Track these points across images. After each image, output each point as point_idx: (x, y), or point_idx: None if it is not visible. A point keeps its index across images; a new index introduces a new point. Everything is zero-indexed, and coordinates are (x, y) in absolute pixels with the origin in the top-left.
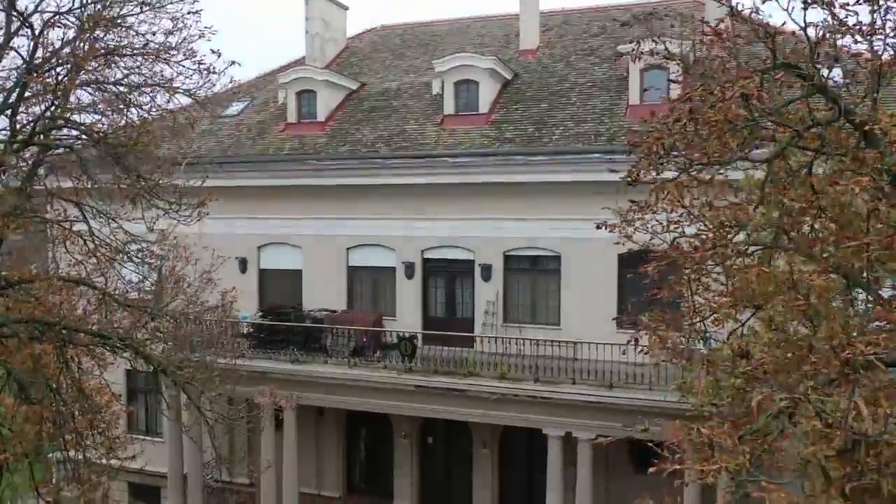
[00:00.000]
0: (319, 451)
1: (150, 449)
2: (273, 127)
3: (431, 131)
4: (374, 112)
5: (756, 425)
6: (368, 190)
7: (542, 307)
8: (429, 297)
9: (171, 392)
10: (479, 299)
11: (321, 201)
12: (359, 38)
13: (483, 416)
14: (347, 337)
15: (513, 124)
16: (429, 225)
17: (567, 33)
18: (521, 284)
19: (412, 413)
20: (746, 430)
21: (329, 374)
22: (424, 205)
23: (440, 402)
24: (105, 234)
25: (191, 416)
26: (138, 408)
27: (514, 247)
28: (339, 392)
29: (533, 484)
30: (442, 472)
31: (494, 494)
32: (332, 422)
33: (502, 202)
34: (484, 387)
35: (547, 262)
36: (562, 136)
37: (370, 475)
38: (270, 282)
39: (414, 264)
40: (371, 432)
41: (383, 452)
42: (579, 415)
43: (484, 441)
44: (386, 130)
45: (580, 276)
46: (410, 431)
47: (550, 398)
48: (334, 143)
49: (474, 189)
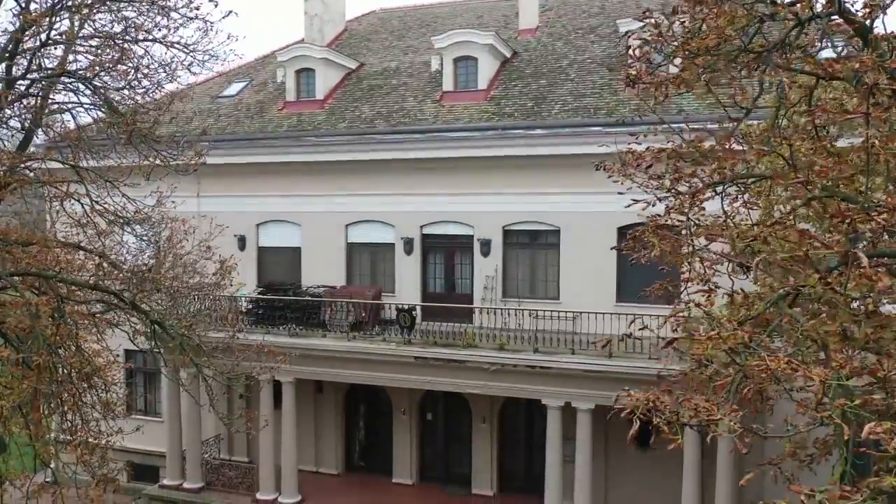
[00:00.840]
0: (318, 428)
1: (149, 429)
2: (272, 106)
3: (430, 108)
4: (373, 91)
5: (758, 310)
6: (367, 165)
7: (541, 281)
8: (428, 272)
9: (168, 355)
10: (478, 274)
11: (320, 178)
12: (357, 20)
13: (482, 388)
14: (346, 311)
15: (512, 100)
16: (428, 200)
17: (566, 13)
18: (521, 259)
19: (411, 385)
20: (745, 316)
21: (328, 347)
22: (423, 180)
23: (439, 373)
24: (103, 198)
25: (189, 378)
26: (137, 389)
27: (514, 221)
28: (338, 365)
29: (532, 458)
30: (441, 448)
31: (494, 469)
32: (331, 399)
33: (501, 176)
34: (483, 357)
35: (546, 237)
36: (561, 111)
37: (369, 452)
38: (269, 259)
39: (413, 240)
40: (370, 409)
41: (382, 429)
42: (578, 384)
43: (483, 416)
44: (385, 108)
45: (579, 249)
46: (409, 407)
47: (549, 368)
48: (333, 119)
49: (473, 163)
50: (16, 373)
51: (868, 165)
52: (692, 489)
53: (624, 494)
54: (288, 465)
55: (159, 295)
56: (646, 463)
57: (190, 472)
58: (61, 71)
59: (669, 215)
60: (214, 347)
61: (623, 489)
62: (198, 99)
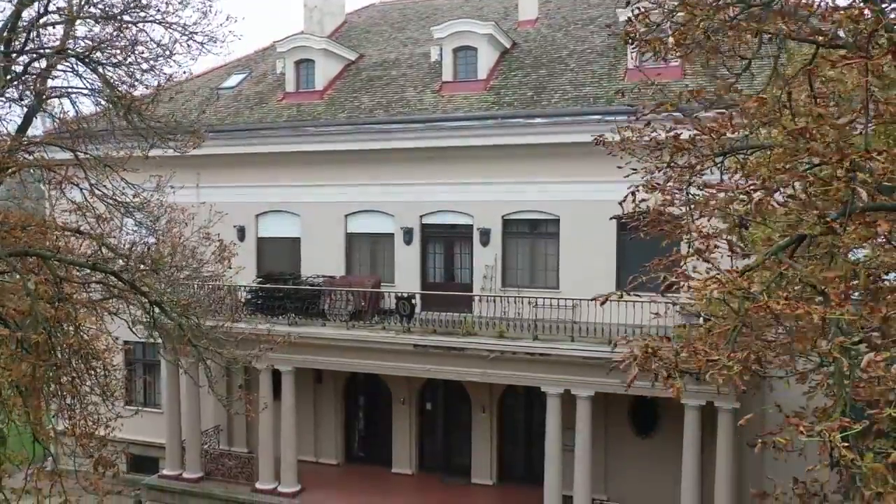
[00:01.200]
0: (318, 418)
1: (149, 420)
2: (271, 97)
3: (430, 98)
4: (373, 82)
5: (758, 260)
6: (366, 155)
7: (540, 271)
8: (427, 262)
9: (167, 341)
10: (478, 264)
11: (319, 168)
12: (357, 13)
13: (482, 376)
14: (346, 301)
15: (511, 89)
16: (427, 190)
17: (566, 4)
18: (520, 248)
19: (410, 374)
20: (747, 268)
21: (327, 335)
22: (423, 170)
23: (438, 361)
24: (102, 182)
25: (188, 366)
26: (136, 381)
27: (513, 210)
28: (337, 354)
29: (532, 449)
30: (441, 438)
31: (493, 459)
32: (331, 390)
33: (501, 166)
34: (482, 345)
35: (546, 226)
36: (560, 100)
37: (369, 442)
38: (269, 250)
39: (412, 230)
40: (369, 400)
41: (382, 419)
42: (578, 372)
43: (483, 406)
44: (384, 98)
45: (579, 238)
46: (409, 397)
47: (549, 355)
48: (332, 109)
49: (473, 153)
50: (15, 354)
51: (867, 107)
52: (692, 470)
53: (623, 483)
54: (287, 455)
55: (158, 277)
56: (646, 450)
57: (189, 461)
58: (61, 48)
59: (667, 194)
60: (214, 336)
61: (623, 477)
62: (197, 91)
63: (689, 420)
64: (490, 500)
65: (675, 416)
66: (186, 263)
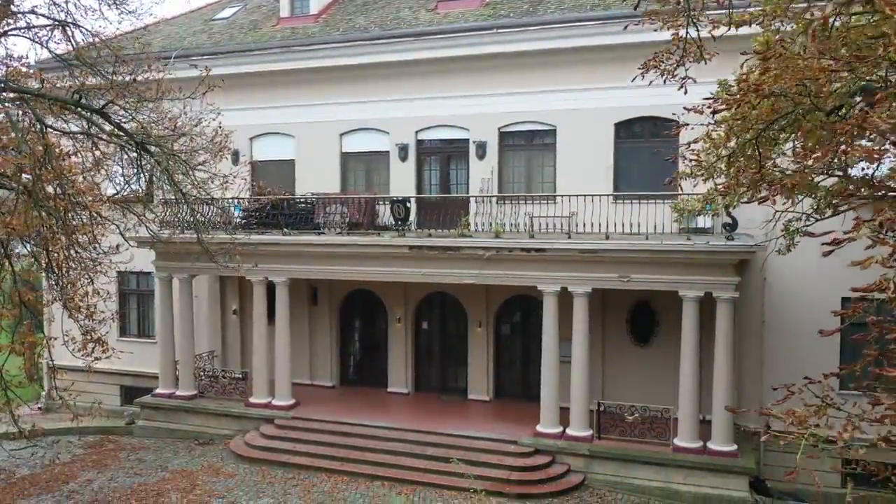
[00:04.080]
0: (313, 339)
1: (142, 350)
2: (266, 24)
3: (425, 15)
4: (368, 5)
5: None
6: (361, 71)
7: (537, 183)
8: (423, 179)
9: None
10: (474, 180)
11: (313, 87)
12: None
13: (478, 277)
14: (341, 214)
15: (507, 4)
16: (422, 104)
17: None
18: (517, 160)
19: (405, 278)
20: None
21: (322, 243)
22: (417, 84)
23: (434, 265)
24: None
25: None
26: (130, 312)
27: (509, 122)
28: (332, 263)
29: (528, 361)
30: (438, 359)
31: (490, 373)
32: (326, 311)
33: (496, 77)
34: (478, 244)
35: (543, 137)
36: (557, 10)
37: (365, 365)
38: (264, 173)
39: (408, 146)
40: (365, 319)
41: (378, 339)
42: (574, 268)
43: (479, 321)
44: (379, 17)
45: (575, 147)
46: (405, 316)
47: (545, 250)
48: (327, 30)
49: (467, 64)
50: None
51: None
52: (690, 369)
53: (622, 391)
54: (281, 371)
55: (144, 106)
56: (644, 357)
57: (183, 380)
58: None
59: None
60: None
61: (620, 386)
62: (190, 24)
63: (688, 313)
64: (488, 410)
65: (674, 321)
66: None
